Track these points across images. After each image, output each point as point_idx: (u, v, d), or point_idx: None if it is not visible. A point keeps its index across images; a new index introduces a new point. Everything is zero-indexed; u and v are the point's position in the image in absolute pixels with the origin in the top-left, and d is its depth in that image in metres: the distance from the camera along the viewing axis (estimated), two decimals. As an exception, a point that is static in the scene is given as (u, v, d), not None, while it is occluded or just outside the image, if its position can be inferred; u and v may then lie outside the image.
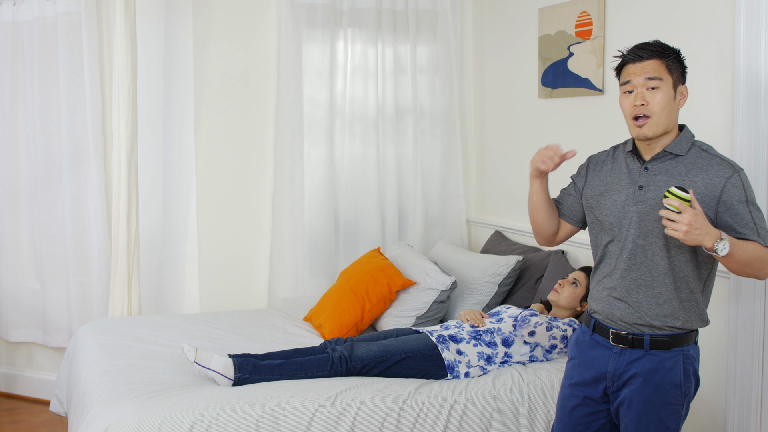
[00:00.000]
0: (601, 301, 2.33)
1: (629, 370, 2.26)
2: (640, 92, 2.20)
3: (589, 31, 3.55)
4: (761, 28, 2.68)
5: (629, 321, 2.26)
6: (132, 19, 3.83)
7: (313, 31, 4.27)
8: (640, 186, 2.25)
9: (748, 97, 2.73)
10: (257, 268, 4.34)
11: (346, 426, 2.73)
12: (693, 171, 2.20)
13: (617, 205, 2.29)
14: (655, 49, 2.21)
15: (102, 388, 2.81)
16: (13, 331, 4.41)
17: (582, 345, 2.41)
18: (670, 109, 2.21)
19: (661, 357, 2.23)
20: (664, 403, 2.24)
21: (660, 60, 2.21)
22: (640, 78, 2.20)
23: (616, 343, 2.29)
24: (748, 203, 2.15)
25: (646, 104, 2.19)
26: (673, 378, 2.23)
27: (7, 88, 4.26)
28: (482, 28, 4.53)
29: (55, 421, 4.12)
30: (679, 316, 2.23)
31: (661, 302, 2.23)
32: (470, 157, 4.67)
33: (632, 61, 2.23)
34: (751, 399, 2.78)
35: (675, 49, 2.24)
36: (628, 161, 2.33)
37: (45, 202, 4.28)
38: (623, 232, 2.27)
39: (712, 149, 2.25)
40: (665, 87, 2.20)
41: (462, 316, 3.31)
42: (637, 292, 2.25)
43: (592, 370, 2.35)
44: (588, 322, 2.42)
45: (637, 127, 2.22)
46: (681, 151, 2.23)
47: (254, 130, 4.29)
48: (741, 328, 2.79)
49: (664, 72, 2.20)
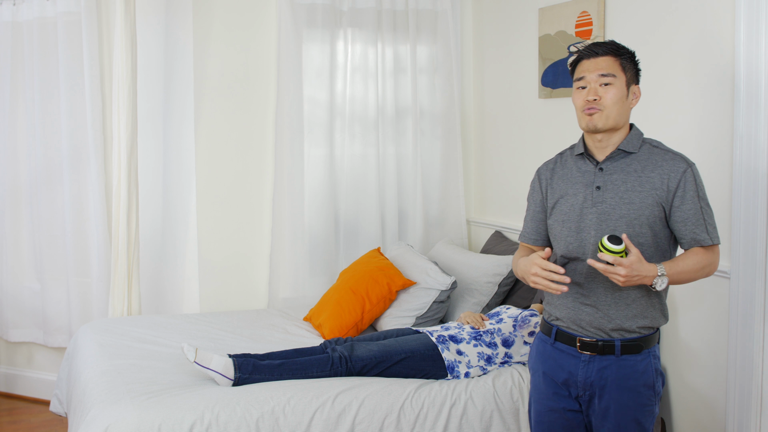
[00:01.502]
0: (566, 307, 2.29)
1: (600, 378, 2.24)
2: (593, 87, 2.23)
3: (589, 31, 3.55)
4: (761, 28, 2.67)
5: (599, 326, 2.24)
6: (132, 19, 3.83)
7: (313, 31, 4.27)
8: (597, 187, 2.25)
9: (748, 97, 2.73)
10: (257, 268, 4.34)
11: (346, 426, 2.73)
12: (648, 167, 2.22)
13: (575, 208, 2.28)
14: (610, 47, 2.25)
15: (102, 388, 2.82)
16: (13, 331, 4.41)
17: (544, 355, 2.36)
18: (621, 106, 2.23)
19: (632, 361, 2.22)
20: (640, 406, 2.24)
21: (614, 57, 2.24)
22: (594, 74, 2.23)
23: (583, 351, 2.25)
24: (700, 198, 2.19)
25: (598, 99, 2.21)
26: (647, 380, 2.24)
27: (7, 88, 4.26)
28: (482, 28, 4.53)
29: (55, 421, 4.12)
30: (648, 315, 2.23)
31: (630, 302, 2.22)
32: (470, 157, 4.67)
33: (587, 57, 2.26)
34: (751, 399, 2.78)
35: (630, 50, 2.28)
36: (579, 164, 2.32)
37: (45, 202, 4.28)
38: (583, 235, 2.25)
39: (663, 145, 2.28)
40: (618, 84, 2.22)
41: (462, 319, 3.31)
42: (605, 295, 2.23)
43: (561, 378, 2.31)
44: (548, 330, 2.36)
45: (587, 115, 2.23)
46: (633, 148, 2.25)
47: (254, 130, 4.29)
48: (741, 328, 2.79)
49: (617, 69, 2.23)
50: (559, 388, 2.32)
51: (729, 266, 2.81)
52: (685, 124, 3.01)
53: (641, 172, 2.22)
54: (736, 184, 2.77)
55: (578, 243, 2.26)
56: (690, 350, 3.02)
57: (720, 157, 2.84)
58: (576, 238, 2.26)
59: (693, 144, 2.96)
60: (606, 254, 2.04)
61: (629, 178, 2.22)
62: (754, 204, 2.71)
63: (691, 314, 3.01)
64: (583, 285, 2.26)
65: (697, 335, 2.98)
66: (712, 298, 2.91)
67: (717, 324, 2.89)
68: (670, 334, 3.11)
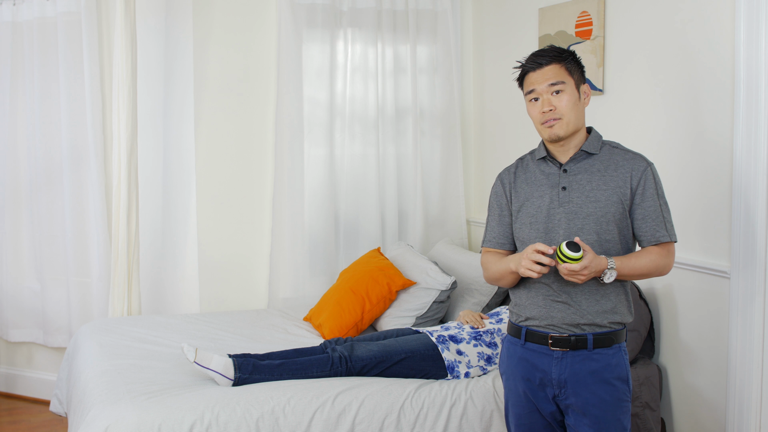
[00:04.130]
0: (537, 307, 2.31)
1: (574, 374, 2.25)
2: (545, 98, 2.27)
3: (589, 31, 3.55)
4: (761, 28, 2.67)
5: (571, 322, 2.26)
6: (132, 19, 3.83)
7: (313, 31, 4.27)
8: (563, 187, 2.29)
9: (748, 97, 2.73)
10: (257, 268, 4.34)
11: (346, 426, 2.73)
12: (611, 167, 2.28)
13: (542, 210, 2.31)
14: (552, 54, 2.28)
15: (102, 388, 2.81)
16: (13, 331, 4.41)
17: (514, 358, 2.38)
18: (577, 109, 2.28)
19: (604, 355, 2.25)
20: (618, 401, 2.26)
21: (559, 64, 2.28)
22: (544, 85, 2.27)
23: (556, 348, 2.27)
24: (659, 196, 2.26)
25: (554, 109, 2.26)
26: (620, 373, 2.27)
27: (7, 88, 4.26)
28: (482, 28, 4.53)
29: (55, 421, 4.12)
30: (618, 310, 2.28)
31: (599, 298, 2.26)
32: (470, 157, 4.67)
33: (532, 69, 2.30)
34: (751, 399, 2.78)
35: (571, 51, 2.31)
36: (542, 167, 2.36)
37: (45, 202, 4.28)
38: (552, 235, 2.29)
39: (622, 146, 2.34)
40: (569, 89, 2.27)
41: (461, 318, 3.31)
42: (575, 292, 2.26)
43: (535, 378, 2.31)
44: (516, 332, 2.38)
45: (548, 128, 2.28)
46: (595, 150, 2.30)
47: (254, 130, 4.29)
48: (741, 328, 2.79)
49: (565, 75, 2.27)
50: (534, 389, 2.33)
51: (729, 266, 2.81)
52: (685, 123, 3.00)
53: (604, 172, 2.28)
54: (735, 184, 2.77)
55: (547, 243, 2.29)
56: (690, 350, 3.02)
57: (720, 157, 2.84)
58: (545, 238, 2.30)
59: (692, 143, 2.96)
60: (570, 263, 2.13)
61: (593, 178, 2.27)
62: (754, 204, 2.71)
63: (691, 314, 3.01)
64: (552, 283, 2.29)
65: (697, 335, 2.98)
66: (712, 298, 2.91)
67: (717, 324, 2.89)
68: (670, 334, 3.11)
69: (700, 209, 2.93)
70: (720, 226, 2.86)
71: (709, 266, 2.88)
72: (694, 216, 2.94)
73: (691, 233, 2.94)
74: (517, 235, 2.38)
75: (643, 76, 3.22)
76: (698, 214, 2.93)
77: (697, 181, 2.94)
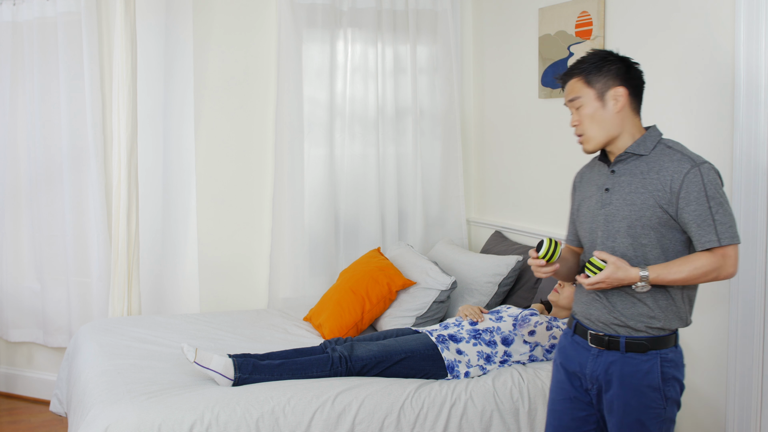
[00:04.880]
0: (582, 302, 2.36)
1: (606, 372, 2.27)
2: (573, 115, 2.31)
3: (589, 31, 3.55)
4: (761, 28, 2.68)
5: (606, 321, 2.27)
6: (132, 19, 3.83)
7: (313, 31, 4.27)
8: (606, 189, 2.28)
9: (748, 97, 2.73)
10: (257, 268, 4.34)
11: (346, 426, 2.73)
12: (654, 168, 2.21)
13: (590, 211, 2.34)
14: (573, 68, 2.30)
15: (102, 388, 2.82)
16: (13, 331, 4.41)
17: (564, 346, 2.43)
18: (600, 118, 2.25)
19: (637, 360, 2.23)
20: (644, 407, 2.23)
21: (575, 78, 2.28)
22: (567, 103, 2.31)
23: (593, 345, 2.30)
24: (709, 199, 2.13)
25: (579, 123, 2.28)
26: (651, 381, 2.22)
27: (7, 88, 4.26)
28: (482, 28, 4.53)
29: (55, 421, 4.12)
30: (657, 316, 2.22)
31: (636, 302, 2.23)
32: (470, 157, 4.67)
33: (561, 88, 2.37)
34: (751, 399, 2.78)
35: (588, 59, 2.27)
36: (599, 167, 2.37)
37: (45, 202, 4.28)
38: (594, 236, 2.31)
39: (679, 145, 2.24)
40: (586, 101, 2.26)
41: (461, 312, 3.31)
42: (612, 293, 2.27)
43: (574, 369, 2.37)
44: (570, 323, 2.44)
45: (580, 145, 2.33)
46: (644, 150, 2.24)
47: (254, 130, 4.29)
48: (741, 328, 2.79)
49: (581, 88, 2.26)
50: (572, 379, 2.38)
51: (729, 266, 2.81)
52: (685, 123, 3.00)
53: (646, 174, 2.21)
54: (736, 184, 2.77)
55: (591, 243, 2.33)
56: (690, 350, 3.01)
57: (720, 157, 2.84)
58: (589, 239, 2.34)
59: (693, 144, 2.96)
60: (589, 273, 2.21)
61: (634, 180, 2.23)
62: (754, 204, 2.71)
63: (691, 314, 3.00)
64: None
65: (697, 335, 2.98)
66: (712, 298, 2.91)
67: (717, 324, 2.89)
68: (670, 334, 3.11)
69: (700, 209, 2.92)
70: (720, 226, 2.85)
71: (709, 266, 2.88)
72: (694, 216, 2.93)
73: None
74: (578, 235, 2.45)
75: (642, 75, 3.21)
76: (698, 214, 2.93)
77: (697, 181, 2.94)
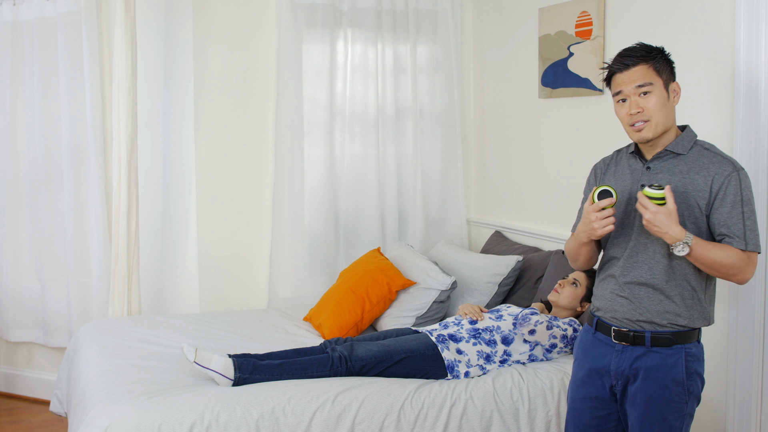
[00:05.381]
0: (605, 299, 2.36)
1: (632, 367, 2.28)
2: (633, 100, 2.22)
3: (589, 31, 3.55)
4: (761, 28, 2.68)
5: (631, 318, 2.28)
6: (132, 19, 3.83)
7: (313, 31, 4.27)
8: (642, 185, 2.27)
9: (748, 97, 2.73)
10: (257, 268, 4.34)
11: (346, 426, 2.73)
12: (694, 169, 2.21)
13: (621, 204, 2.32)
14: (640, 54, 2.22)
15: (102, 388, 2.81)
16: (13, 331, 4.41)
17: (585, 344, 2.44)
18: (666, 110, 2.23)
19: (662, 354, 2.25)
20: (667, 401, 2.25)
21: (646, 64, 2.22)
22: (631, 86, 2.22)
23: (617, 341, 2.31)
24: (743, 204, 2.17)
25: (642, 111, 2.21)
26: (675, 375, 2.24)
27: (7, 88, 4.26)
28: (482, 28, 4.53)
29: (55, 421, 4.12)
30: (683, 314, 2.24)
31: (663, 299, 2.24)
32: (470, 157, 4.67)
33: (620, 71, 2.25)
34: (751, 399, 2.78)
35: (659, 49, 2.25)
36: (630, 162, 2.35)
37: (45, 202, 4.28)
38: (626, 230, 2.31)
39: (715, 148, 2.26)
40: (657, 90, 2.21)
41: (461, 311, 3.31)
42: (639, 289, 2.27)
43: (597, 367, 2.37)
44: (591, 320, 2.44)
45: (636, 132, 2.25)
46: (682, 150, 2.25)
47: (254, 130, 4.29)
48: (741, 328, 2.79)
49: (652, 75, 2.21)
50: (593, 377, 2.38)
51: (729, 266, 2.81)
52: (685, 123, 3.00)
53: (686, 174, 2.22)
54: (736, 184, 2.76)
55: (623, 236, 2.31)
56: (690, 350, 3.02)
57: (720, 157, 2.84)
58: (622, 231, 2.32)
59: (693, 144, 2.96)
60: (642, 196, 2.12)
61: (674, 179, 2.23)
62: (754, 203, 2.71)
63: (691, 314, 3.00)
64: (619, 277, 2.32)
65: (697, 335, 2.98)
66: (712, 298, 2.90)
67: (717, 324, 2.89)
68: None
69: (700, 209, 2.92)
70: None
71: (709, 266, 2.88)
72: (694, 216, 2.93)
73: (691, 233, 2.94)
74: None
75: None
76: (698, 214, 2.93)
77: (697, 181, 2.94)
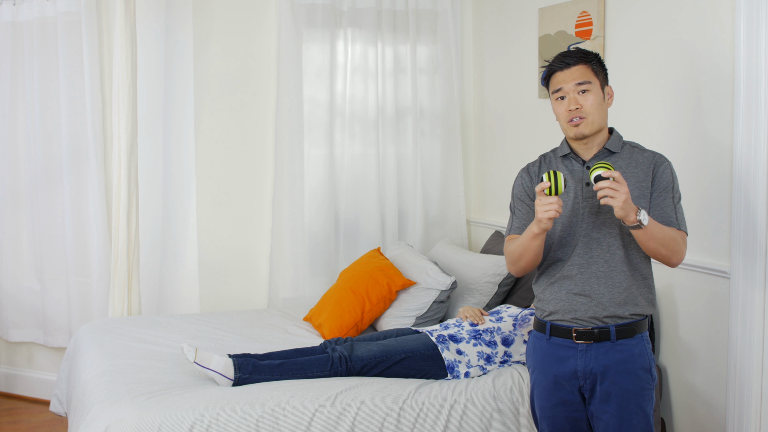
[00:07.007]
0: (560, 301, 2.38)
1: (600, 365, 2.32)
2: (572, 97, 2.35)
3: (589, 31, 3.55)
4: (761, 28, 2.67)
5: (594, 315, 2.33)
6: (132, 19, 3.83)
7: (313, 31, 4.27)
8: (587, 183, 2.36)
9: (748, 96, 2.73)
10: (257, 268, 4.34)
11: (346, 426, 2.73)
12: (632, 164, 2.36)
13: (567, 205, 2.38)
14: (579, 56, 2.37)
15: (102, 388, 2.82)
16: (13, 331, 4.41)
17: (541, 352, 2.44)
18: (601, 109, 2.37)
19: (627, 345, 2.32)
20: (641, 390, 2.33)
21: (585, 65, 2.36)
22: (571, 84, 2.35)
23: (580, 341, 2.34)
24: (674, 191, 2.34)
25: (580, 107, 2.33)
26: (643, 363, 2.34)
27: (7, 88, 4.26)
28: (482, 28, 4.53)
29: (55, 421, 4.12)
30: (638, 302, 2.34)
31: (621, 290, 2.32)
32: (470, 157, 4.67)
33: (560, 69, 2.38)
34: (751, 399, 2.78)
35: (596, 54, 2.40)
36: (566, 164, 2.44)
37: (45, 202, 4.28)
38: (574, 229, 2.36)
39: (641, 146, 2.43)
40: (594, 89, 2.35)
41: (461, 313, 3.31)
42: (598, 285, 2.33)
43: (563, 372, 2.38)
44: (541, 327, 2.44)
45: (573, 127, 2.35)
46: (616, 149, 2.40)
47: (254, 130, 4.29)
48: (741, 328, 2.79)
49: (591, 75, 2.35)
50: (559, 382, 2.40)
51: (729, 266, 2.81)
52: (685, 123, 3.01)
53: (626, 169, 2.36)
54: (736, 184, 2.77)
55: (570, 236, 2.37)
56: (690, 350, 3.02)
57: (720, 157, 2.84)
58: (569, 231, 2.38)
59: (693, 143, 2.96)
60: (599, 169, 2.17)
61: None
62: (754, 204, 2.71)
63: (691, 314, 3.01)
64: (574, 277, 2.36)
65: (697, 335, 2.98)
66: (712, 298, 2.91)
67: (717, 324, 2.89)
68: (669, 333, 3.11)
69: (700, 209, 2.93)
70: (720, 225, 2.86)
71: (709, 266, 2.88)
72: (694, 215, 2.93)
73: (691, 233, 2.94)
74: None
75: (643, 76, 3.22)
76: (698, 213, 2.93)
77: (697, 181, 2.94)
